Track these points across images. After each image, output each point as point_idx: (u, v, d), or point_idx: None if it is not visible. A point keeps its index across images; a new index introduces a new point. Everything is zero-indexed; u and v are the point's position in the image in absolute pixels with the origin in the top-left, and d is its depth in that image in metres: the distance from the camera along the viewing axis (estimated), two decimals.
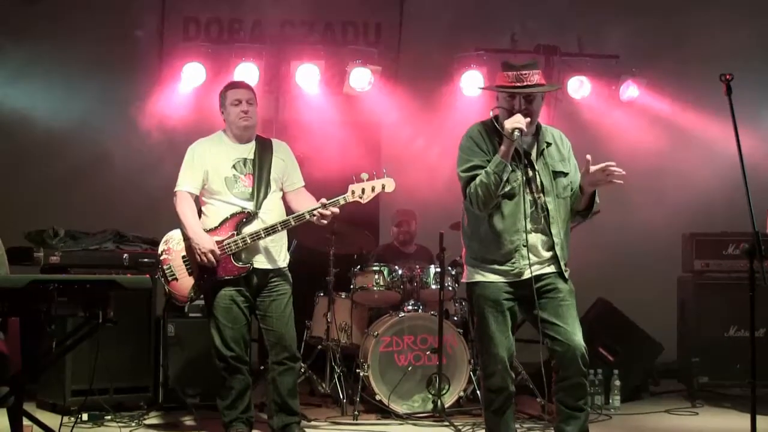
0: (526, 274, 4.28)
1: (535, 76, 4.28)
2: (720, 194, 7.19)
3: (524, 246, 4.27)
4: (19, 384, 4.26)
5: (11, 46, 7.42)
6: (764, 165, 6.69)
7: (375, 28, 8.34)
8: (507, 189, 4.25)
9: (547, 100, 7.59)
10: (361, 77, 7.57)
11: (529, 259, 4.26)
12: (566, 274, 4.37)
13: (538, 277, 4.30)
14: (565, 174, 4.41)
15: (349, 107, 7.99)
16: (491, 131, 4.37)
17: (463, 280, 4.56)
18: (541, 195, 4.33)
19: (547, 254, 4.35)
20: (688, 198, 7.76)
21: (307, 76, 7.57)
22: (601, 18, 7.98)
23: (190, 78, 7.45)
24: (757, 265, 4.05)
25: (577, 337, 4.28)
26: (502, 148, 4.21)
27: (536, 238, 4.33)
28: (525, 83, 4.26)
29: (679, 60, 7.88)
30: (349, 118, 8.04)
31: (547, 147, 4.42)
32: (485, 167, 4.23)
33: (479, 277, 4.38)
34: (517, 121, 4.16)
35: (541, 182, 4.34)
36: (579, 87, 7.88)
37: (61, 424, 4.55)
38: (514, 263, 4.29)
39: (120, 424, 5.57)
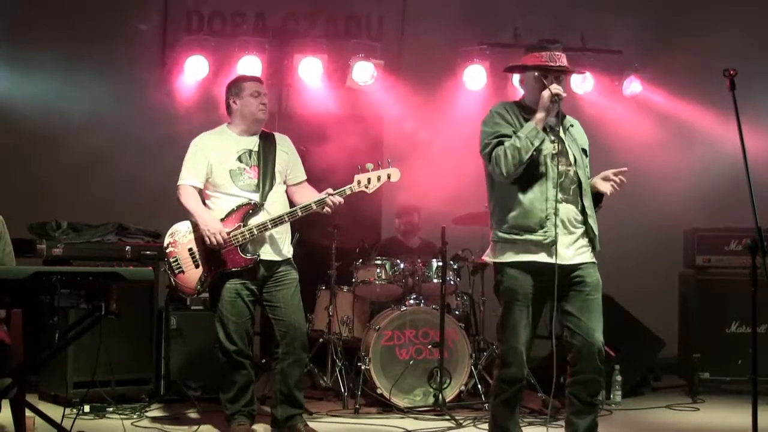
0: (560, 250, 4.22)
1: (564, 58, 4.34)
2: (722, 189, 7.17)
3: (555, 215, 4.24)
4: (22, 376, 4.27)
5: (13, 40, 7.42)
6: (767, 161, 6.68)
7: (378, 21, 8.33)
8: (542, 153, 4.25)
9: None
10: (364, 71, 7.58)
11: (565, 228, 4.25)
12: (596, 251, 4.36)
13: (572, 267, 4.27)
14: (587, 154, 4.46)
15: (351, 101, 8.00)
16: (517, 110, 4.39)
17: (485, 258, 4.49)
18: (573, 166, 4.33)
19: (579, 229, 4.33)
20: (690, 193, 7.75)
21: (310, 70, 7.59)
22: (604, 13, 7.96)
23: (193, 71, 7.47)
24: (759, 261, 4.04)
25: (597, 333, 4.27)
26: (538, 115, 4.23)
27: (567, 209, 4.30)
28: (558, 63, 4.31)
29: (682, 55, 7.85)
30: (351, 111, 8.05)
31: (570, 127, 4.47)
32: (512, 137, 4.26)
33: (512, 256, 4.30)
34: (557, 88, 4.23)
35: (573, 155, 4.35)
36: (582, 82, 7.88)
37: (63, 416, 4.53)
38: (546, 232, 4.24)
39: (122, 417, 5.56)
